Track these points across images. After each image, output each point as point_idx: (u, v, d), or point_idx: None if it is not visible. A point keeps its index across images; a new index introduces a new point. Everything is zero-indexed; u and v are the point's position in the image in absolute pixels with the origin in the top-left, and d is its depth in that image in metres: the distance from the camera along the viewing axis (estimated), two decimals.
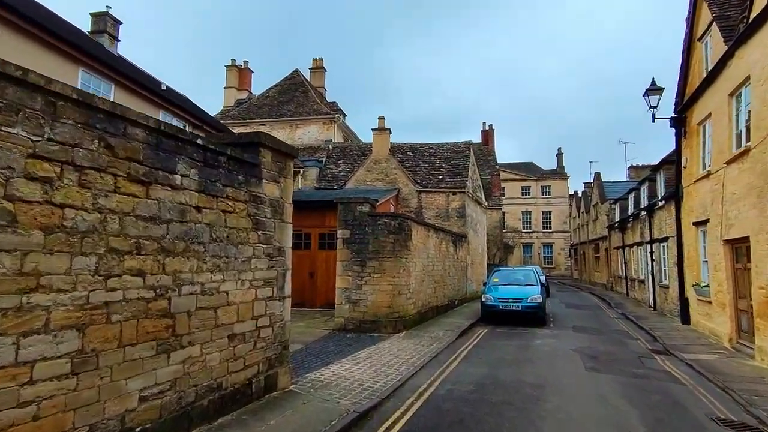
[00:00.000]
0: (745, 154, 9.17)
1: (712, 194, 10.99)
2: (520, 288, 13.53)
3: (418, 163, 20.73)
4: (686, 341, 10.57)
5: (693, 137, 12.75)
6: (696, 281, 12.20)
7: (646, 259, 18.76)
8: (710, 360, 8.63)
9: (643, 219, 19.29)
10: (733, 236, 9.66)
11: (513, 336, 10.95)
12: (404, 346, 9.08)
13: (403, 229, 11.02)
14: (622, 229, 23.61)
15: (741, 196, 9.27)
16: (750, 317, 9.29)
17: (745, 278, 9.49)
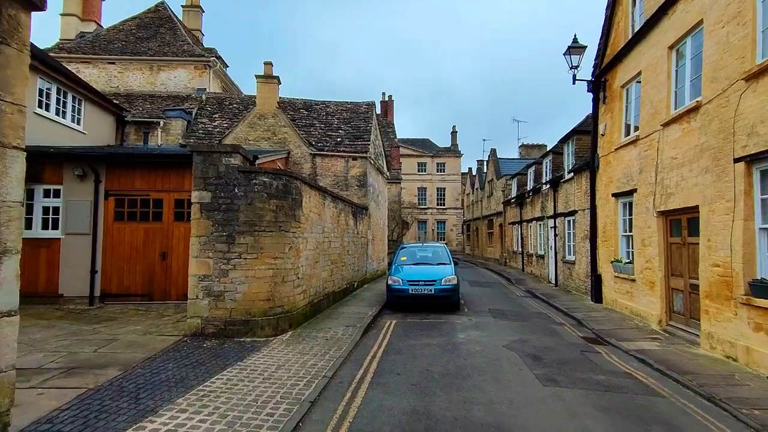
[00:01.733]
0: (693, 112, 7.92)
1: (641, 161, 9.90)
2: (431, 268, 11.49)
3: (312, 123, 17.57)
4: (613, 324, 9.44)
5: (614, 101, 11.69)
6: (615, 257, 11.30)
7: (548, 235, 18.30)
8: (656, 350, 7.33)
9: (545, 193, 18.76)
10: (672, 207, 8.52)
11: (430, 329, 8.79)
12: (288, 358, 6.26)
13: (290, 193, 8.04)
14: (519, 205, 23.33)
15: (686, 160, 8.06)
16: (687, 298, 8.26)
17: (682, 254, 8.43)
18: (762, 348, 6.00)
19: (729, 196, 6.81)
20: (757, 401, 5.02)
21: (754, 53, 6.53)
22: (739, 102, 6.71)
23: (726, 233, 6.82)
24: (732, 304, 6.66)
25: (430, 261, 12.07)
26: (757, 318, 6.12)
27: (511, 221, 25.92)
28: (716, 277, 7.04)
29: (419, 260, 12.19)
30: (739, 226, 6.54)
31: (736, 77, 6.80)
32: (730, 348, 6.66)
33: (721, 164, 7.04)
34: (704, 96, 7.64)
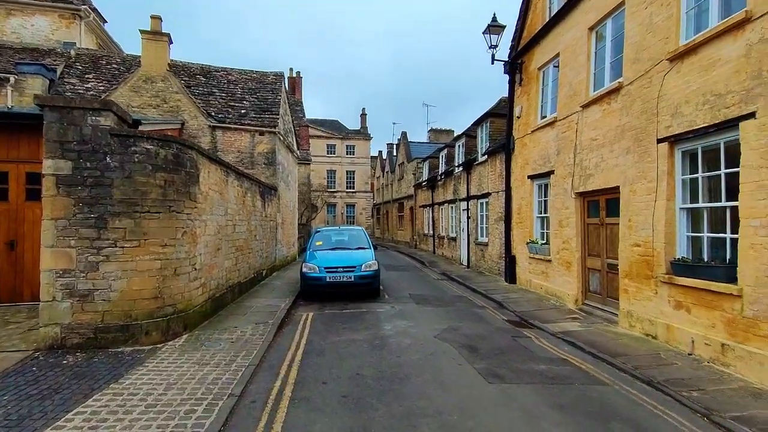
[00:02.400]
0: (614, 93, 7.95)
1: (559, 143, 9.95)
2: (350, 253, 10.59)
3: (212, 91, 15.44)
4: (532, 305, 9.44)
5: (531, 84, 11.70)
6: (530, 238, 11.43)
7: (460, 217, 18.45)
8: (580, 331, 7.29)
9: (458, 176, 18.85)
10: (591, 188, 8.59)
11: (352, 321, 7.93)
12: (182, 372, 4.95)
13: (184, 165, 6.53)
14: (431, 188, 23.39)
15: (606, 141, 8.11)
16: (604, 277, 8.42)
17: (600, 235, 8.57)
18: (682, 325, 6.12)
19: (651, 177, 6.87)
20: (691, 381, 4.97)
21: (678, 34, 6.56)
22: (662, 83, 6.73)
23: (648, 213, 6.90)
24: (652, 283, 6.77)
25: (347, 245, 11.16)
26: (677, 296, 6.23)
27: (422, 204, 26.02)
28: (636, 257, 7.14)
29: (336, 245, 11.22)
30: (662, 206, 6.61)
31: (660, 58, 6.81)
32: (650, 326, 6.79)
33: (644, 145, 7.08)
34: (626, 77, 7.66)
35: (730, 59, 5.53)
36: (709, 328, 5.68)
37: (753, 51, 5.22)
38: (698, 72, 6.04)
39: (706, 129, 5.84)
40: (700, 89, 5.98)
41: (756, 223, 5.07)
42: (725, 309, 5.44)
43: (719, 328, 5.52)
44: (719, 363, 5.47)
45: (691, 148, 6.29)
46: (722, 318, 5.48)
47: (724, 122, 5.56)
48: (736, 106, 5.41)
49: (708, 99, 5.84)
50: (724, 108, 5.57)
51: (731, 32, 5.53)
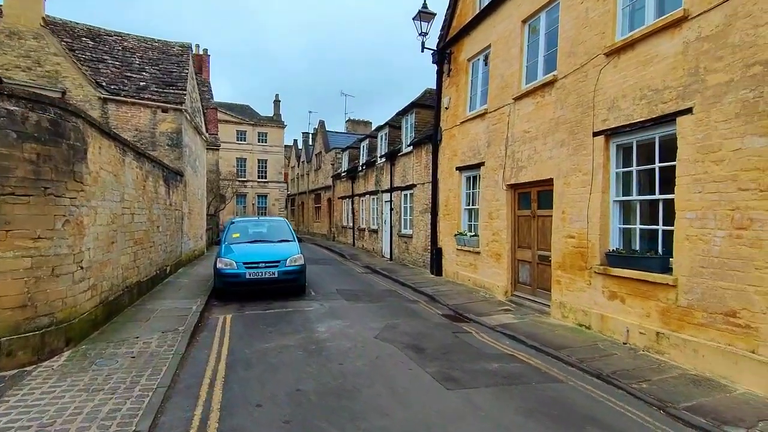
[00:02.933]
0: (548, 86, 7.99)
1: (490, 135, 9.92)
2: (272, 246, 9.59)
3: (103, 58, 13.15)
4: (464, 298, 9.32)
5: (460, 75, 11.60)
6: (458, 230, 11.37)
7: (382, 209, 18.12)
8: (517, 324, 7.23)
9: (380, 167, 18.47)
10: (523, 180, 8.62)
11: (279, 322, 7.06)
12: (60, 407, 3.75)
13: (66, 136, 5.13)
14: (351, 179, 22.79)
15: (540, 134, 8.15)
16: (534, 269, 8.51)
17: (531, 226, 8.64)
18: (616, 315, 6.26)
19: (586, 169, 6.96)
20: (636, 372, 5.00)
21: (615, 29, 6.66)
22: (599, 77, 6.81)
23: (582, 206, 6.99)
24: (586, 274, 6.88)
25: (268, 238, 10.11)
26: (612, 287, 6.36)
27: (341, 195, 25.32)
28: (570, 248, 7.23)
29: (255, 237, 10.10)
30: (597, 198, 6.71)
31: (596, 52, 6.89)
32: (583, 316, 6.91)
33: (579, 138, 7.16)
34: (560, 70, 7.72)
35: (668, 56, 5.66)
36: (643, 317, 5.84)
37: (690, 49, 5.37)
38: (635, 67, 6.16)
39: (643, 123, 5.97)
40: (637, 84, 6.10)
41: (692, 215, 5.24)
42: (660, 299, 5.60)
43: (654, 317, 5.69)
44: (654, 351, 5.63)
45: (626, 142, 6.43)
46: (657, 307, 5.64)
47: (662, 117, 5.69)
48: (673, 101, 5.55)
49: (645, 94, 5.96)
50: (662, 103, 5.70)
51: (669, 30, 5.66)
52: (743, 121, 4.72)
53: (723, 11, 5.01)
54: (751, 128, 4.64)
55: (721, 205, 4.91)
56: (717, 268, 4.92)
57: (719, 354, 4.83)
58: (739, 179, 4.74)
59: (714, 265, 4.95)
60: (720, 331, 4.86)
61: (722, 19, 5.01)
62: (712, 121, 5.05)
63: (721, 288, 4.87)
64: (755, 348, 4.51)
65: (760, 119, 4.56)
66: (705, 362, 4.97)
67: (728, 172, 4.85)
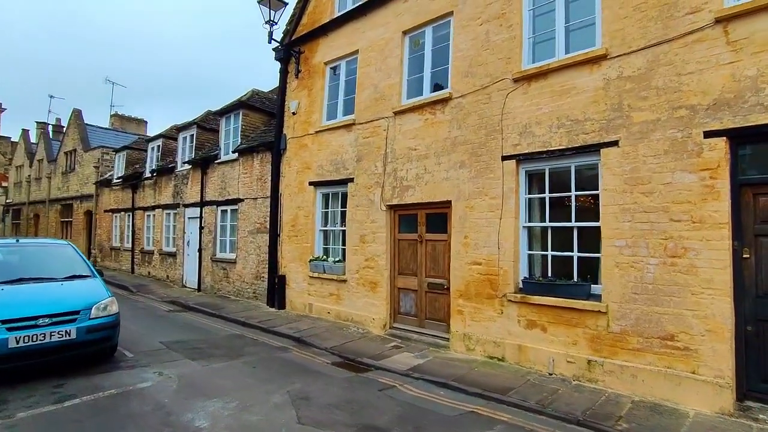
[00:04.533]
0: (440, 104, 7.60)
1: (360, 149, 8.93)
2: (59, 288, 5.96)
3: None
4: (337, 337, 7.88)
5: (315, 79, 10.29)
6: (312, 255, 9.81)
7: (185, 227, 14.67)
8: (427, 365, 6.34)
9: (182, 175, 15.00)
10: (410, 201, 7.90)
11: (107, 429, 4.14)
12: None
13: None
14: (132, 187, 17.93)
15: (431, 152, 7.63)
16: (422, 298, 7.83)
17: (417, 251, 7.95)
18: (537, 345, 6.07)
19: (495, 194, 6.72)
20: (599, 410, 4.74)
21: (521, 56, 6.70)
22: (505, 101, 6.73)
23: (490, 231, 6.69)
24: (497, 303, 6.55)
25: (46, 274, 6.30)
26: (530, 315, 6.16)
27: (111, 208, 19.67)
28: (476, 276, 6.82)
29: (20, 274, 6.12)
30: (509, 224, 6.51)
31: (501, 76, 6.82)
32: (495, 348, 6.52)
33: (483, 160, 6.90)
34: (455, 89, 7.41)
35: (587, 89, 5.88)
36: (569, 345, 5.78)
37: (612, 86, 5.67)
38: (549, 96, 6.24)
39: (563, 151, 6.04)
40: (553, 113, 6.18)
41: (621, 243, 5.44)
42: (588, 326, 5.62)
43: (582, 344, 5.67)
44: (586, 379, 5.58)
45: (538, 169, 6.45)
46: (585, 335, 5.65)
47: (584, 147, 5.84)
48: (596, 133, 5.76)
49: (563, 123, 6.06)
50: (583, 134, 5.87)
51: (587, 65, 5.90)
52: (672, 158, 5.13)
53: (645, 57, 5.43)
54: (681, 165, 5.06)
55: (653, 235, 5.20)
56: (652, 294, 5.16)
57: (660, 377, 5.02)
58: (670, 211, 5.10)
59: (648, 291, 5.19)
60: (658, 354, 5.08)
61: (644, 64, 5.43)
62: (640, 155, 5.37)
63: (657, 313, 5.11)
64: (695, 369, 4.83)
65: (689, 157, 5.01)
66: (645, 387, 5.11)
67: (659, 203, 5.19)
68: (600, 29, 5.89)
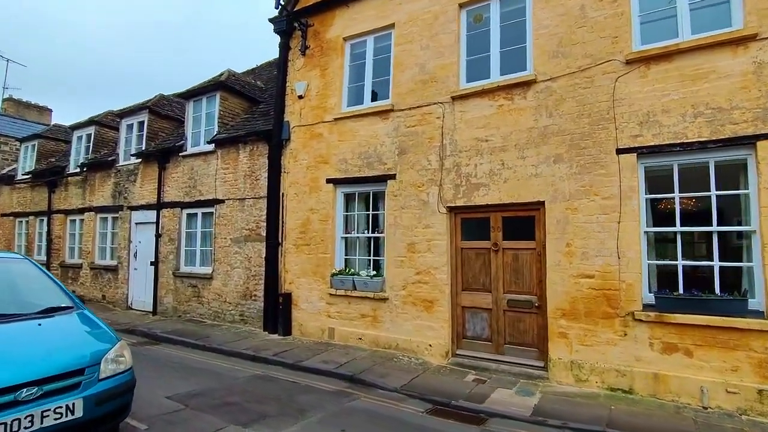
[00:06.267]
0: (520, 87, 6.47)
1: (403, 140, 7.48)
2: (38, 333, 3.64)
3: None
4: (388, 369, 6.30)
5: (330, 56, 8.63)
6: (333, 268, 8.05)
7: (130, 234, 11.84)
8: (541, 405, 5.07)
9: (128, 171, 12.15)
10: (481, 202, 6.61)
11: None
12: None
13: None
14: (49, 185, 14.32)
15: (511, 144, 6.44)
16: (499, 318, 6.54)
17: (491, 262, 6.65)
18: (681, 372, 5.08)
19: (607, 193, 5.69)
20: None
21: (632, 36, 5.81)
22: (615, 85, 5.77)
23: (605, 237, 5.64)
24: (617, 323, 5.49)
25: (7, 308, 3.90)
26: (668, 337, 5.17)
27: (13, 211, 15.64)
28: (586, 291, 5.70)
29: None
30: (632, 229, 5.50)
31: (606, 57, 5.87)
32: (618, 378, 5.43)
33: (590, 153, 5.86)
34: (540, 71, 6.33)
35: (732, 74, 5.11)
36: (727, 372, 4.87)
37: (766, 70, 4.96)
38: (678, 80, 5.39)
39: (703, 144, 5.19)
40: (686, 100, 5.32)
41: None
42: (754, 348, 4.76)
43: (746, 371, 4.79)
44: (757, 413, 4.69)
45: (661, 165, 5.54)
46: (750, 359, 4.77)
47: (732, 139, 5.04)
48: (748, 123, 4.97)
49: (701, 111, 5.22)
50: (731, 124, 5.07)
51: (728, 46, 5.14)
52: None
53: None
54: None
55: None
56: None
57: None
58: None
59: None
60: None
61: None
62: None
63: None
64: None
65: None
66: None
67: None
68: (741, 7, 5.16)
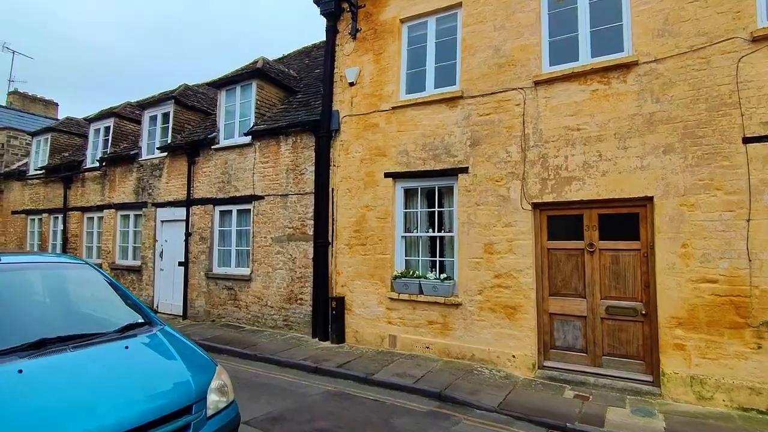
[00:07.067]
0: (621, 69, 5.81)
1: (476, 129, 6.81)
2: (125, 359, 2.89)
3: None
4: (472, 384, 5.65)
5: (386, 39, 7.94)
6: (393, 270, 7.38)
7: (155, 233, 11.13)
8: (661, 426, 4.43)
9: (152, 165, 11.42)
10: (574, 197, 5.95)
11: None
12: None
13: None
14: (64, 181, 13.55)
15: (610, 133, 5.79)
16: (596, 326, 5.89)
17: (585, 264, 5.99)
18: None
19: (732, 187, 5.04)
20: None
21: (756, 10, 5.17)
22: (738, 66, 5.12)
23: (732, 237, 4.99)
24: (748, 334, 4.85)
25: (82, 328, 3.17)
26: None
27: (25, 209, 14.87)
28: (709, 297, 5.06)
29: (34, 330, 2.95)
30: (765, 227, 4.86)
31: (725, 35, 5.22)
32: (752, 396, 4.79)
33: (709, 143, 5.21)
34: (642, 51, 5.67)
35: None
36: None
37: None
38: None
39: None
40: None
41: None
42: None
43: None
44: None
45: None
46: None
47: None
48: None
49: None
50: None
51: None
52: None
53: None
54: None
55: None
56: None
57: None
58: None
59: None
60: None
61: None
62: None
63: None
64: None
65: None
66: None
67: None
68: None
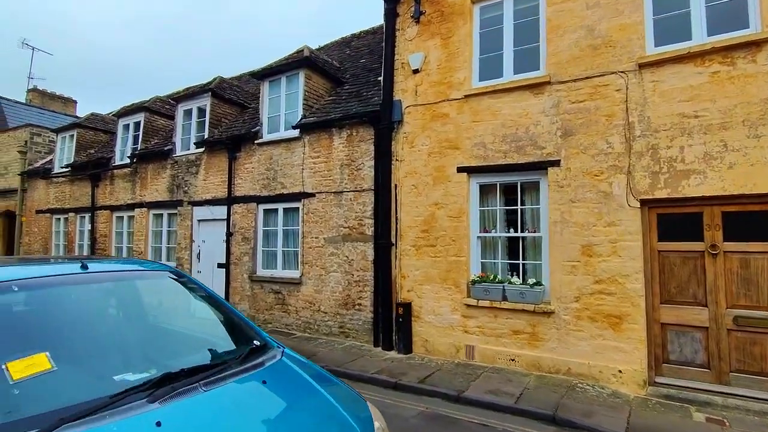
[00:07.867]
0: (745, 48, 5.13)
1: (567, 117, 6.13)
2: (271, 405, 2.23)
3: None
4: (584, 405, 4.97)
5: (454, 22, 7.29)
6: (469, 274, 6.72)
7: (192, 233, 10.55)
8: None
9: (187, 162, 10.83)
10: (694, 193, 5.25)
11: None
12: None
13: None
14: (93, 179, 13.02)
15: (737, 121, 5.10)
16: (716, 339, 5.19)
17: (704, 269, 5.30)
18: None
19: None
20: None
21: None
22: None
23: None
24: None
25: (198, 357, 2.52)
26: None
27: (51, 207, 14.37)
28: None
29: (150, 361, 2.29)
30: None
31: None
32: None
33: None
34: None
35: None
36: None
37: None
38: None
39: None
40: None
41: None
42: None
43: None
44: None
45: None
46: None
47: None
48: None
49: None
50: None
51: None
52: None
53: None
54: None
55: None
56: None
57: None
58: None
59: None
60: None
61: None
62: None
63: None
64: None
65: None
66: None
67: None
68: None
